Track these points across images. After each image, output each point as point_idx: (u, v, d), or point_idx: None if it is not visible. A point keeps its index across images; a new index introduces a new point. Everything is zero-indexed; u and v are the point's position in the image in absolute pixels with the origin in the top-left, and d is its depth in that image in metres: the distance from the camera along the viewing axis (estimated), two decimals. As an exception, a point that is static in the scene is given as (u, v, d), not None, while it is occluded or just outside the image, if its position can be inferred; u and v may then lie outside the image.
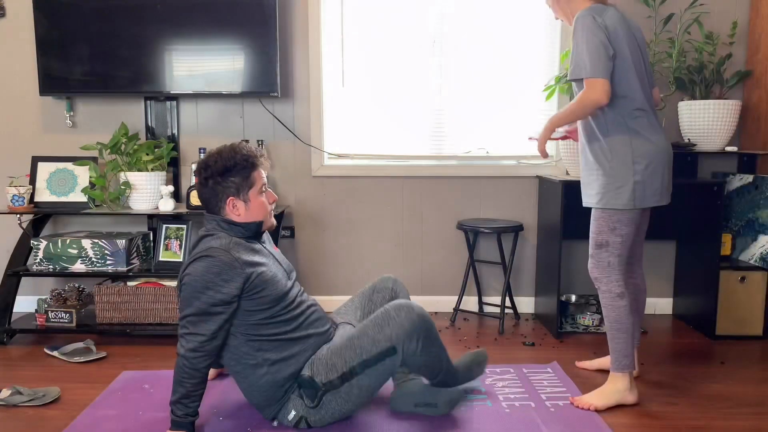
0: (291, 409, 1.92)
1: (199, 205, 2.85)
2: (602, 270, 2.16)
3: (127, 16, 2.98)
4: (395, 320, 1.89)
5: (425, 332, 1.91)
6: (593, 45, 1.99)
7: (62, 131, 3.23)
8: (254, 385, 1.91)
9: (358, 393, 1.90)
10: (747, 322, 2.89)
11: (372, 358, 1.86)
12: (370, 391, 1.92)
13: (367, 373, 1.87)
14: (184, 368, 1.80)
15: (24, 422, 2.03)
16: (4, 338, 2.79)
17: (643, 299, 2.39)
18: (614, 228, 2.12)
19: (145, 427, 1.98)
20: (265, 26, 2.98)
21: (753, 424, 2.04)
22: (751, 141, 3.09)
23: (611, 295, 2.14)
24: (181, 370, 1.80)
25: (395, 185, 3.29)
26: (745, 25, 3.14)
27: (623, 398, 2.15)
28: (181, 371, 1.80)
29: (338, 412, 1.92)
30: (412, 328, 1.88)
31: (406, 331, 1.87)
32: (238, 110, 3.23)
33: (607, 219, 2.13)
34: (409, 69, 3.25)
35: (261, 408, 1.96)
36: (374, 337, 1.87)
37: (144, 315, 2.87)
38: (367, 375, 1.87)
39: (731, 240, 3.05)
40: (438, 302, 3.35)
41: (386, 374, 1.90)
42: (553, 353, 2.70)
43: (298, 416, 1.92)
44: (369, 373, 1.87)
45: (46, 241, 2.84)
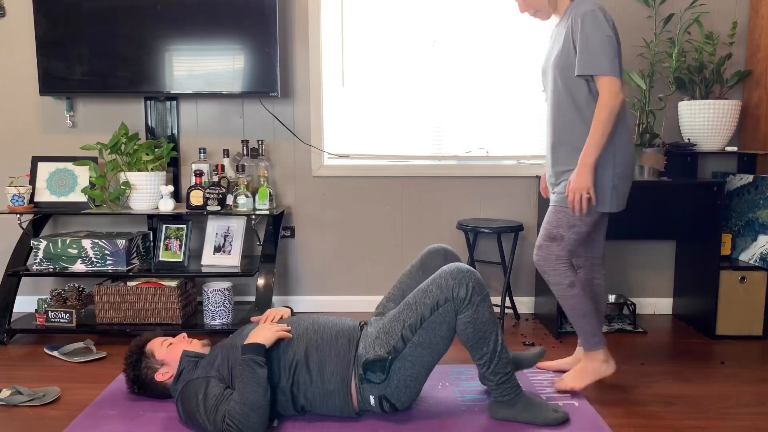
0: (369, 396, 1.96)
1: (200, 204, 2.86)
2: (550, 263, 2.17)
3: (127, 16, 2.98)
4: (444, 272, 1.95)
5: (474, 281, 1.92)
6: (610, 43, 1.98)
7: (62, 131, 3.23)
8: (324, 403, 1.98)
9: (422, 352, 1.93)
10: (747, 322, 2.89)
11: (427, 309, 1.91)
12: (433, 348, 1.94)
13: (425, 327, 1.92)
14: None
15: (24, 422, 2.03)
16: (4, 338, 2.79)
17: (605, 300, 2.39)
18: (573, 225, 2.13)
19: (145, 427, 1.98)
20: (265, 26, 2.98)
21: (753, 424, 2.04)
22: (751, 141, 3.09)
23: (562, 286, 2.17)
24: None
25: (395, 185, 3.29)
26: (745, 25, 3.14)
27: (601, 372, 2.22)
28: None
29: (410, 378, 1.95)
30: (461, 276, 1.92)
31: (455, 278, 1.91)
32: (238, 110, 3.23)
33: (569, 216, 2.13)
34: (409, 69, 3.25)
35: (342, 411, 2.00)
36: (426, 290, 1.95)
37: (144, 315, 2.87)
38: (426, 330, 1.92)
39: (731, 240, 3.05)
40: (438, 302, 3.34)
41: (444, 326, 1.92)
42: (553, 353, 2.70)
43: (377, 398, 1.96)
44: (427, 327, 1.92)
45: (46, 241, 2.84)
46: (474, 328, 1.93)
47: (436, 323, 1.92)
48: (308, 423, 2.00)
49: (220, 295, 2.85)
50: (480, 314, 1.92)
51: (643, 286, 3.34)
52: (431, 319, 1.92)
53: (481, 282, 1.95)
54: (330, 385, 1.96)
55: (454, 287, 1.91)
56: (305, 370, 1.96)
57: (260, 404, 1.83)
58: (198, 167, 2.97)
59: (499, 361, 1.97)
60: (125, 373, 2.13)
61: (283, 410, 2.00)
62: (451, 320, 1.93)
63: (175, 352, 2.09)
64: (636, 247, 3.31)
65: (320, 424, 2.00)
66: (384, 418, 2.04)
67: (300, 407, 2.00)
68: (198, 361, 2.05)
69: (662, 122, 3.13)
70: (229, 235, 3.00)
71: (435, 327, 1.92)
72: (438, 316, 1.92)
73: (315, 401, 1.98)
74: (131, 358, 2.10)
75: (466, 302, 1.91)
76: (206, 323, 2.87)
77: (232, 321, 2.89)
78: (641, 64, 3.14)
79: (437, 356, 1.98)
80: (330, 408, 1.99)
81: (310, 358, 1.97)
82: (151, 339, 2.15)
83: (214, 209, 2.87)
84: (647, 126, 2.97)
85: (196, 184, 2.88)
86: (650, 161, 2.86)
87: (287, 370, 1.96)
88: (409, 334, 1.93)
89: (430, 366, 1.99)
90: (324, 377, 1.96)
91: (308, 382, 1.96)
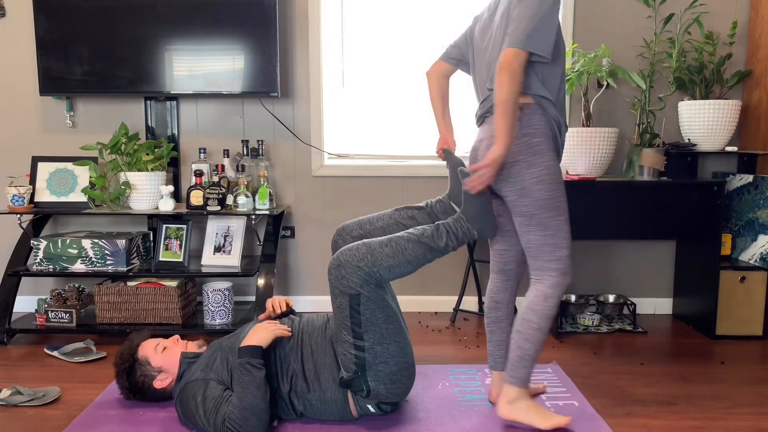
0: (366, 405, 1.95)
1: (200, 204, 2.86)
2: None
3: (127, 16, 2.98)
4: (329, 276, 1.89)
5: (347, 260, 1.86)
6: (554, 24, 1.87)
7: (62, 131, 3.23)
8: (323, 410, 1.98)
9: (385, 347, 1.89)
10: (747, 322, 2.89)
11: (349, 317, 1.87)
12: (390, 333, 1.90)
13: (365, 328, 1.87)
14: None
15: (24, 422, 2.03)
16: (4, 338, 2.79)
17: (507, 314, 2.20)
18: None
19: (145, 427, 1.98)
20: (265, 26, 2.98)
21: (753, 424, 2.04)
22: (751, 141, 3.09)
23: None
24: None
25: (395, 185, 3.29)
26: (745, 25, 3.14)
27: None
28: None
29: (393, 374, 1.91)
30: (338, 271, 1.86)
31: (337, 276, 1.86)
32: (238, 110, 3.23)
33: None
34: (409, 69, 3.25)
35: (342, 417, 2.00)
36: (335, 305, 1.91)
37: (144, 315, 2.87)
38: (368, 329, 1.87)
39: (731, 240, 3.05)
40: (438, 302, 3.35)
41: (377, 312, 1.88)
42: (553, 353, 2.70)
43: (374, 405, 1.95)
44: (367, 327, 1.87)
45: (46, 241, 2.84)
46: (397, 272, 1.89)
47: (369, 316, 1.87)
48: (308, 423, 2.00)
49: (220, 295, 2.85)
50: (382, 268, 1.86)
51: (643, 286, 3.34)
52: (363, 318, 1.87)
53: (345, 254, 1.87)
54: (327, 393, 1.95)
55: (346, 281, 1.85)
56: (302, 378, 1.96)
57: (259, 407, 1.82)
58: (198, 167, 2.97)
59: (449, 230, 1.94)
60: (118, 381, 2.08)
61: (284, 415, 2.00)
62: (375, 301, 1.87)
63: (171, 357, 2.06)
64: (636, 247, 3.31)
65: (320, 425, 2.00)
66: (383, 419, 2.04)
67: (299, 413, 2.00)
68: (197, 362, 2.04)
69: (662, 122, 3.13)
70: (229, 235, 3.00)
71: (372, 319, 1.87)
72: (365, 311, 1.86)
73: (314, 408, 1.97)
74: (123, 366, 2.06)
75: (364, 281, 1.85)
76: (206, 323, 2.87)
77: (232, 321, 2.89)
78: (641, 64, 3.14)
79: (399, 334, 1.93)
80: (329, 414, 1.99)
81: (306, 365, 1.97)
82: (140, 343, 2.11)
83: (214, 209, 2.87)
84: (647, 126, 2.97)
85: (196, 184, 2.88)
86: (650, 161, 2.86)
87: (284, 377, 1.96)
88: (361, 344, 1.88)
89: (404, 347, 1.94)
90: (321, 385, 1.95)
91: (306, 389, 1.96)
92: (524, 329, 1.95)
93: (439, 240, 1.93)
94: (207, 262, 2.98)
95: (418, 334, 2.97)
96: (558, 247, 1.92)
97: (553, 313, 1.95)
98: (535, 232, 1.91)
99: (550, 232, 1.90)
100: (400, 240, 1.91)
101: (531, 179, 1.88)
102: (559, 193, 1.91)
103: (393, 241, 1.90)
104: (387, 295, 1.93)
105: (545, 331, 1.95)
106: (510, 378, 1.98)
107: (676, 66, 2.98)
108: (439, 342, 2.85)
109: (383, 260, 1.86)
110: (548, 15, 1.80)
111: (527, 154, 1.88)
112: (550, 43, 1.82)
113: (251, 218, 2.96)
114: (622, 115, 3.20)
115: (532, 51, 1.79)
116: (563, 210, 1.92)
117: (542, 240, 1.91)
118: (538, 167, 1.88)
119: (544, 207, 1.89)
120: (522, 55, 1.78)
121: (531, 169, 1.88)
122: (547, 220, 1.90)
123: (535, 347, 1.94)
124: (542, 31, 1.79)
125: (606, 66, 2.89)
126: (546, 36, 1.81)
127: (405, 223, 2.06)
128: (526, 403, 1.97)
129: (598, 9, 3.15)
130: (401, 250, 1.89)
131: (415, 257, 1.90)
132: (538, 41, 1.79)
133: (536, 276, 1.96)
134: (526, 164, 1.88)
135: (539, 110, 1.89)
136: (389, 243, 1.89)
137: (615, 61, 3.14)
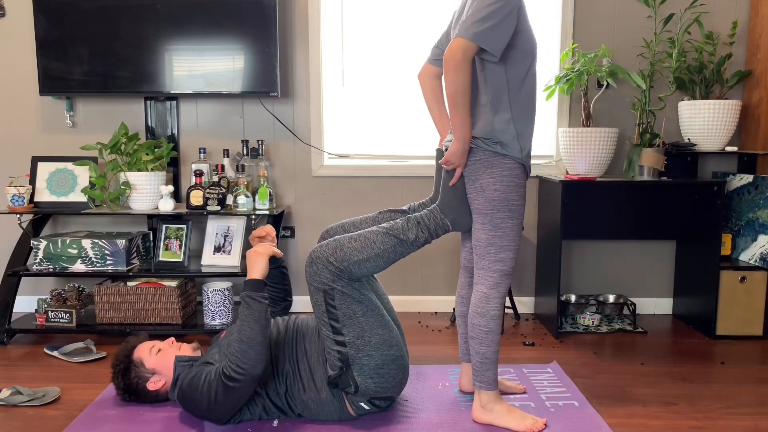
0: (359, 403, 1.95)
1: (200, 204, 2.86)
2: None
3: (127, 16, 2.98)
4: (306, 275, 1.90)
5: (317, 259, 1.87)
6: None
7: (62, 131, 3.23)
8: (320, 411, 1.97)
9: (366, 339, 1.88)
10: (747, 322, 2.89)
11: (327, 313, 1.88)
12: (370, 325, 1.89)
13: (344, 322, 1.87)
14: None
15: (24, 422, 2.03)
16: (4, 338, 2.79)
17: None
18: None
19: (145, 426, 1.98)
20: (265, 26, 2.98)
21: (753, 424, 2.04)
22: (751, 141, 3.09)
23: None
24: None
25: (395, 185, 3.29)
26: (745, 25, 3.14)
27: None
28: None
29: (380, 366, 1.90)
30: (312, 268, 1.87)
31: (313, 274, 1.87)
32: (238, 110, 3.23)
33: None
34: (409, 69, 3.25)
35: (341, 417, 2.00)
36: (313, 302, 1.92)
37: (144, 315, 2.87)
38: (347, 323, 1.87)
39: (731, 240, 3.05)
40: (438, 302, 3.35)
41: (353, 304, 1.88)
42: (553, 353, 2.71)
43: (366, 402, 1.94)
44: (345, 321, 1.87)
45: (46, 241, 2.84)
46: (368, 266, 1.88)
47: (345, 310, 1.87)
48: (308, 423, 2.00)
49: (220, 295, 2.85)
50: (351, 263, 1.86)
51: (643, 286, 3.34)
52: (340, 313, 1.87)
53: (316, 251, 1.88)
54: (322, 394, 1.95)
55: (318, 278, 1.86)
56: (297, 378, 1.96)
57: (257, 341, 1.81)
58: (198, 167, 2.97)
59: (420, 222, 1.94)
60: (114, 382, 2.09)
61: (282, 415, 2.00)
62: (351, 295, 1.87)
63: (165, 359, 2.06)
64: (636, 247, 3.31)
65: (320, 425, 2.00)
66: (383, 418, 2.04)
67: (297, 415, 2.00)
68: (192, 365, 2.03)
69: (662, 122, 3.13)
70: (229, 235, 3.00)
71: (348, 313, 1.88)
72: (341, 306, 1.87)
73: (311, 409, 1.97)
74: (119, 368, 2.06)
75: (336, 276, 1.85)
76: (206, 323, 2.87)
77: (232, 321, 2.89)
78: (641, 64, 3.14)
79: (382, 326, 1.92)
80: (327, 414, 1.98)
81: (300, 366, 1.97)
82: (136, 345, 2.11)
83: (214, 209, 2.87)
84: (647, 126, 2.97)
85: (196, 184, 2.88)
86: (650, 161, 2.86)
87: (279, 377, 1.96)
88: (341, 339, 1.88)
89: (388, 339, 1.93)
90: (316, 385, 1.95)
91: (302, 390, 1.95)
92: (476, 334, 1.97)
93: (410, 232, 1.93)
94: (207, 262, 2.98)
95: (418, 334, 2.97)
96: (504, 249, 1.93)
97: (499, 312, 1.97)
98: (485, 231, 1.93)
99: (499, 233, 1.92)
100: (369, 234, 1.91)
101: (489, 178, 1.90)
102: (515, 196, 1.92)
103: (362, 236, 1.91)
104: (365, 289, 1.93)
105: (497, 330, 1.97)
106: (478, 384, 2.00)
107: (676, 66, 2.98)
108: (439, 342, 2.85)
109: (352, 254, 1.87)
110: (501, 12, 1.76)
111: (489, 153, 1.90)
112: (500, 41, 1.78)
113: (251, 218, 2.96)
114: (622, 115, 3.20)
115: (479, 45, 1.76)
116: (517, 214, 1.93)
117: (490, 240, 1.93)
118: (499, 168, 1.89)
119: (498, 208, 1.90)
120: (467, 46, 1.76)
121: (490, 168, 1.90)
122: (499, 221, 1.91)
123: (491, 349, 1.97)
124: (492, 28, 1.76)
125: (606, 66, 2.89)
126: (495, 33, 1.77)
127: None
128: (500, 407, 1.99)
129: (598, 9, 3.15)
130: (370, 243, 1.89)
131: (384, 251, 1.90)
132: (485, 36, 1.76)
133: (478, 275, 1.97)
134: (486, 164, 1.90)
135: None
136: (358, 237, 1.90)
137: (615, 61, 3.14)
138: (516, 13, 1.81)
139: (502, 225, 1.92)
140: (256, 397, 1.95)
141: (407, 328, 3.06)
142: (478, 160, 1.91)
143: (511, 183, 1.91)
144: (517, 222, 1.93)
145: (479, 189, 1.92)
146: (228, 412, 1.88)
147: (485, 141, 1.90)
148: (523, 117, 1.92)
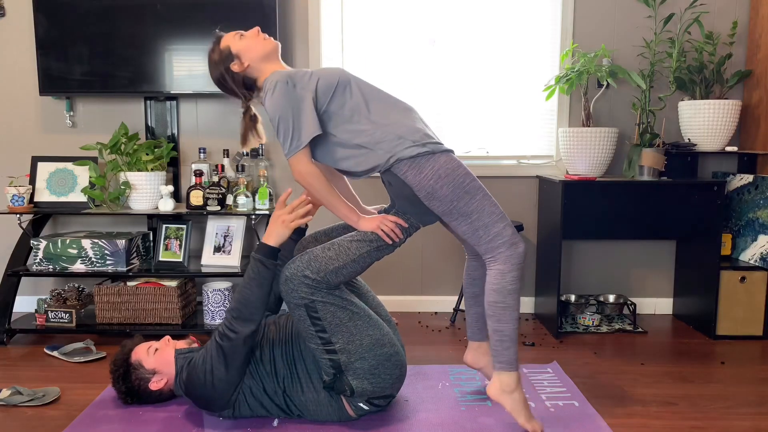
0: (358, 404, 1.94)
1: (200, 204, 2.86)
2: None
3: (127, 16, 2.98)
4: (283, 294, 1.90)
5: (294, 276, 1.86)
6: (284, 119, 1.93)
7: (62, 131, 3.23)
8: (318, 412, 1.97)
9: (357, 345, 1.88)
10: (747, 322, 2.89)
11: (314, 329, 1.87)
12: (359, 330, 1.88)
13: (332, 331, 1.86)
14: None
15: (24, 422, 2.03)
16: (4, 338, 2.79)
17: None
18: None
19: (145, 426, 1.98)
20: (265, 26, 2.98)
21: (753, 424, 2.04)
22: (751, 141, 3.09)
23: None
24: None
25: (395, 185, 3.28)
26: (745, 25, 3.14)
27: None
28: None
29: (374, 367, 1.89)
30: (288, 286, 1.86)
31: (290, 293, 1.85)
32: (238, 110, 3.22)
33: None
34: (409, 69, 3.25)
35: (340, 418, 1.99)
36: (295, 318, 1.92)
37: (144, 315, 2.87)
38: (335, 332, 1.86)
39: (731, 240, 3.05)
40: (438, 302, 3.35)
41: (339, 312, 1.86)
42: (553, 353, 2.70)
43: (365, 402, 1.94)
44: (333, 330, 1.86)
45: (46, 241, 2.84)
46: (345, 273, 1.88)
47: (331, 319, 1.86)
48: (308, 423, 2.00)
49: (220, 295, 2.85)
50: (328, 273, 1.85)
51: (643, 286, 3.34)
52: (326, 323, 1.86)
53: (289, 268, 1.86)
54: (320, 394, 1.95)
55: (297, 293, 1.84)
56: (295, 379, 1.96)
57: (253, 304, 1.83)
58: (198, 167, 2.97)
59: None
60: (115, 387, 2.08)
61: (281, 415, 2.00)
62: (333, 303, 1.86)
63: (164, 358, 2.06)
64: (636, 247, 3.31)
65: (320, 425, 2.00)
66: (383, 418, 2.04)
67: (296, 416, 2.00)
68: (193, 355, 2.04)
69: (662, 122, 3.14)
70: (229, 235, 3.00)
71: (335, 321, 1.86)
72: (325, 316, 1.85)
73: (310, 411, 1.97)
74: (118, 372, 2.06)
75: (314, 288, 1.84)
76: (206, 323, 2.87)
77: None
78: (641, 64, 3.14)
79: (372, 327, 1.91)
80: (326, 415, 1.98)
81: (297, 366, 1.96)
82: (133, 348, 2.11)
83: (214, 209, 2.87)
84: (647, 126, 2.97)
85: (196, 184, 2.88)
86: (650, 161, 2.86)
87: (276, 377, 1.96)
88: (331, 347, 1.87)
89: (380, 339, 1.91)
90: (314, 385, 1.95)
91: (300, 390, 1.95)
92: (493, 312, 1.92)
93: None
94: (207, 262, 2.98)
95: (418, 334, 2.97)
96: (490, 225, 1.91)
97: (516, 286, 1.92)
98: (462, 223, 1.92)
99: (474, 216, 1.90)
100: (342, 242, 1.91)
101: (428, 181, 1.89)
102: (461, 179, 1.90)
103: (335, 244, 1.90)
104: (345, 294, 1.91)
105: (514, 306, 1.92)
106: (498, 365, 1.94)
107: (676, 66, 2.98)
108: (439, 342, 2.85)
109: (328, 263, 1.86)
110: (286, 120, 1.86)
111: (408, 165, 1.89)
112: (309, 128, 1.86)
113: (251, 218, 2.96)
114: (622, 115, 3.20)
115: (299, 149, 1.86)
116: (476, 190, 1.91)
117: (472, 227, 1.92)
118: (429, 168, 1.88)
119: (455, 198, 1.89)
120: (296, 161, 1.88)
121: (423, 173, 1.89)
122: (464, 208, 1.90)
123: (510, 326, 1.91)
124: (294, 135, 1.86)
125: (606, 66, 2.89)
126: (299, 135, 1.86)
127: None
128: (519, 396, 1.95)
129: (598, 9, 3.15)
130: (344, 251, 1.89)
131: (359, 256, 1.90)
132: (296, 140, 1.86)
133: (487, 258, 1.96)
134: (416, 171, 1.89)
135: (380, 150, 1.91)
136: (331, 246, 1.90)
137: (615, 61, 3.14)
138: (304, 99, 1.88)
139: (471, 208, 1.90)
140: (254, 388, 1.95)
141: (407, 328, 3.06)
142: (406, 179, 1.90)
143: (446, 169, 1.89)
144: (481, 195, 1.91)
145: (429, 197, 1.90)
146: (225, 389, 1.89)
147: (389, 168, 1.91)
148: (382, 118, 1.95)
